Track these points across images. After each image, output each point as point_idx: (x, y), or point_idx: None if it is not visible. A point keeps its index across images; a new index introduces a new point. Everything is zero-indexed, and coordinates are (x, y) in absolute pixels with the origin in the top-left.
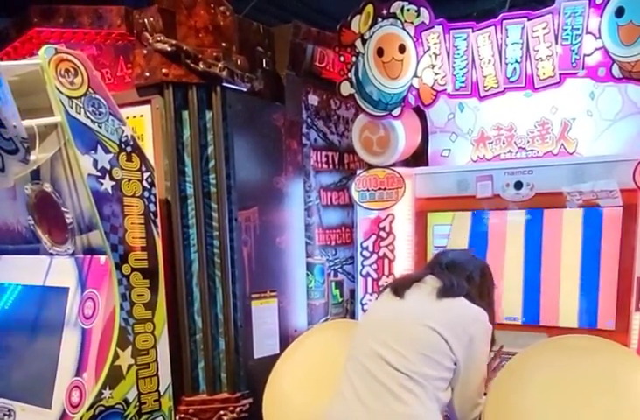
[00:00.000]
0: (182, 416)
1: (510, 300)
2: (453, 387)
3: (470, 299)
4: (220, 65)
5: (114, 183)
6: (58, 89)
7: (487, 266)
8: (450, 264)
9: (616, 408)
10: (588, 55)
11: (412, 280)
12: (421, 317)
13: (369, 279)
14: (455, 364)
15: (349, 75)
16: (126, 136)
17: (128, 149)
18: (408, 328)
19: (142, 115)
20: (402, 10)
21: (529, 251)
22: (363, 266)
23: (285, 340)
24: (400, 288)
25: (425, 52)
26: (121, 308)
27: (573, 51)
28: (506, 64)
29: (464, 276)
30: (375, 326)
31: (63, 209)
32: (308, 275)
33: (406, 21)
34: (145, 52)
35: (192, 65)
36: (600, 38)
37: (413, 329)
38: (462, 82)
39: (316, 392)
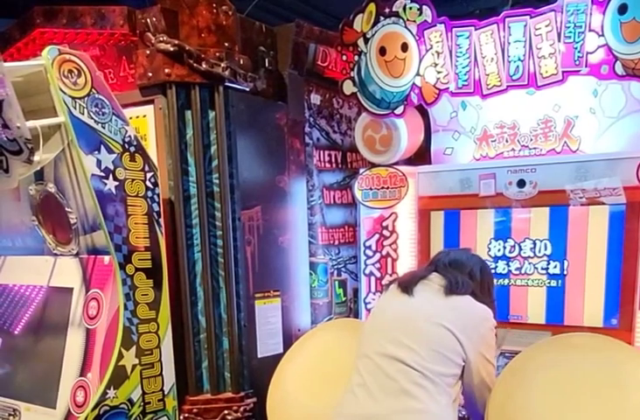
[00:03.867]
0: (186, 415)
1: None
2: (468, 381)
3: (475, 297)
4: (223, 64)
5: (117, 183)
6: (61, 90)
7: (485, 263)
8: (453, 262)
9: (621, 406)
10: (591, 53)
11: (418, 277)
12: (433, 315)
13: (372, 278)
14: (464, 361)
15: (351, 74)
16: (129, 136)
17: (132, 149)
18: (421, 326)
19: (145, 116)
20: (404, 8)
21: None
22: (366, 265)
23: (289, 340)
24: (408, 285)
25: (427, 51)
26: (125, 308)
27: (576, 48)
28: (509, 62)
29: (466, 273)
30: (386, 324)
31: (67, 209)
32: (311, 274)
33: (408, 19)
34: (148, 52)
35: (195, 65)
36: (603, 35)
37: (426, 327)
38: (465, 80)
39: (319, 391)
